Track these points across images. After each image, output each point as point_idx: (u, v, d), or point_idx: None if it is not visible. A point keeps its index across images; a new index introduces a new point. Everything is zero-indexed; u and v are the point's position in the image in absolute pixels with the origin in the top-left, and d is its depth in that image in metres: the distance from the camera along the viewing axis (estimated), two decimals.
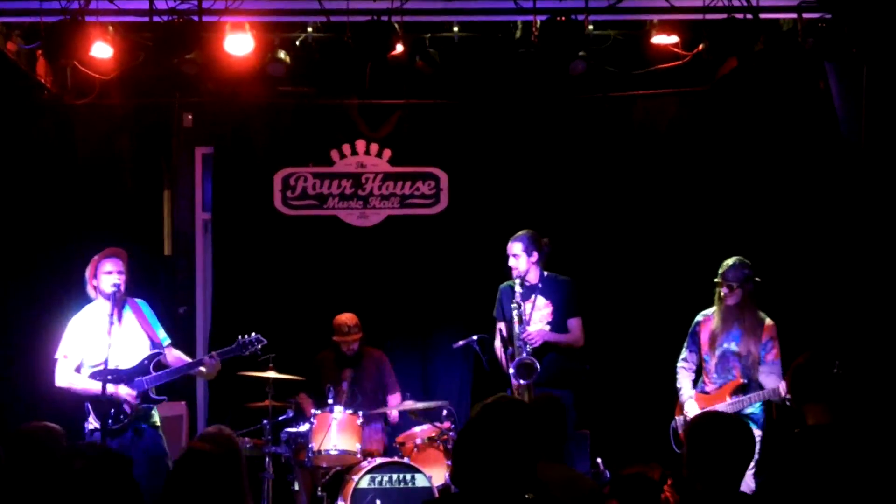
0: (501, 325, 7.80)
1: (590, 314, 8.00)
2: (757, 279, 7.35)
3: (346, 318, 8.65)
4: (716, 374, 7.38)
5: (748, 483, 5.74)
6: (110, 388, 6.92)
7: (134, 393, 7.04)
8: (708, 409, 7.16)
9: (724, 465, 4.01)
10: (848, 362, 6.19)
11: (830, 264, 8.28)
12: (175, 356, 7.40)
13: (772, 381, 7.14)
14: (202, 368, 7.32)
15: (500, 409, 4.19)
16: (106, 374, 6.92)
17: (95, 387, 6.97)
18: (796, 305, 8.33)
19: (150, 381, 7.12)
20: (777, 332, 7.33)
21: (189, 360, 7.41)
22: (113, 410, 6.99)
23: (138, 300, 7.43)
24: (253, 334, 7.43)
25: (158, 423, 7.27)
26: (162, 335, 7.42)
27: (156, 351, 7.23)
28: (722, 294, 7.33)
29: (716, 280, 7.36)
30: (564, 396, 7.59)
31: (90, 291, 7.27)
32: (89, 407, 7.07)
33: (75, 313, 7.32)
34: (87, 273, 7.25)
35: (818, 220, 8.49)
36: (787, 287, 8.50)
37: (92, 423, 7.04)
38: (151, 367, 7.17)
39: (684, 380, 7.53)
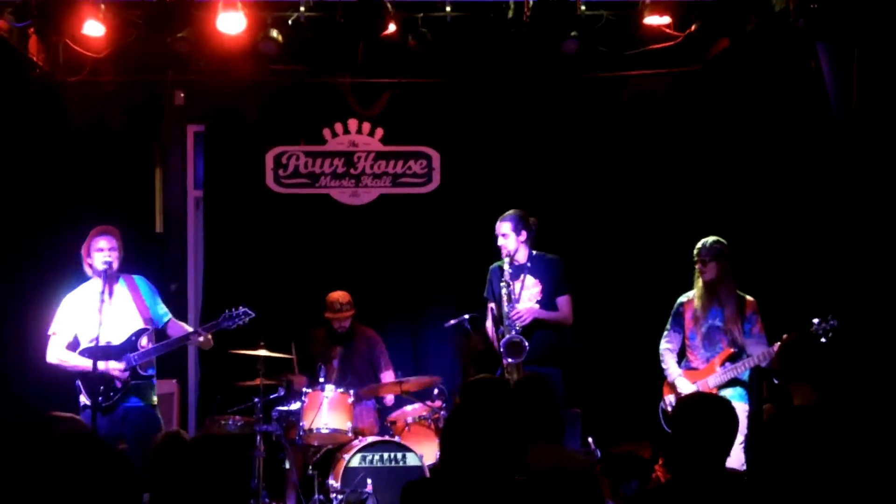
0: (492, 305, 7.82)
1: (580, 293, 8.02)
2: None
3: (339, 295, 8.66)
4: (703, 349, 7.48)
5: (738, 456, 5.82)
6: (100, 364, 6.94)
7: (122, 367, 7.05)
8: (699, 382, 7.37)
9: (709, 446, 4.04)
10: (835, 340, 6.28)
11: (821, 243, 8.30)
12: (179, 328, 7.42)
13: (760, 349, 7.27)
14: (200, 339, 7.31)
15: (483, 388, 4.21)
16: (95, 351, 6.94)
17: (84, 363, 7.02)
18: (788, 284, 8.38)
19: (137, 357, 7.11)
20: (758, 308, 7.46)
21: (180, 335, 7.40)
22: (103, 387, 7.02)
23: (136, 276, 7.43)
24: (241, 308, 7.41)
25: (155, 402, 7.28)
26: (161, 311, 7.42)
27: (143, 328, 7.22)
28: (698, 271, 7.48)
29: (694, 259, 7.49)
30: (554, 374, 7.64)
31: (87, 270, 7.27)
32: (79, 384, 7.10)
33: (65, 290, 7.34)
34: (83, 251, 7.26)
35: (809, 200, 8.51)
36: (778, 266, 8.55)
37: (84, 399, 7.07)
38: (139, 343, 7.17)
39: (670, 360, 7.62)
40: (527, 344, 7.41)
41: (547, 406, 5.08)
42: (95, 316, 6.97)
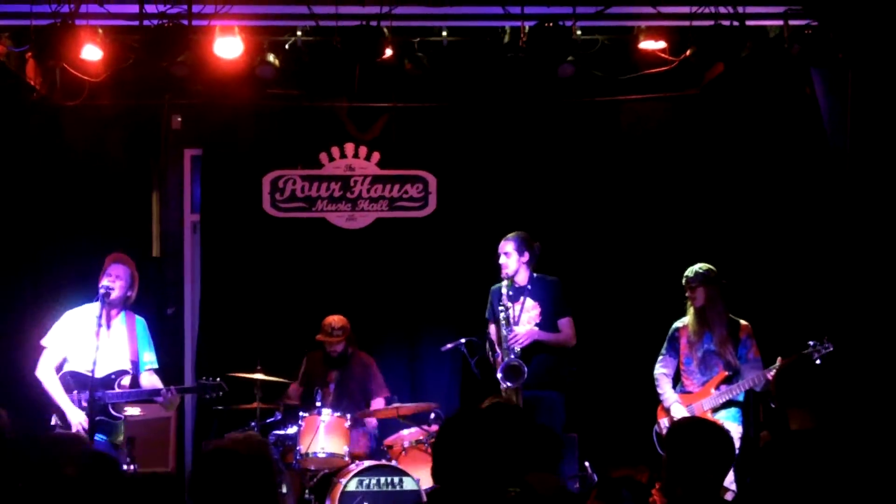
0: (492, 327, 7.83)
1: (578, 316, 8.04)
2: (723, 281, 7.60)
3: (334, 319, 8.63)
4: (699, 374, 7.58)
5: (729, 475, 5.84)
6: (67, 404, 7.04)
7: (84, 424, 6.93)
8: (693, 405, 7.48)
9: (702, 471, 4.04)
10: (833, 364, 6.30)
11: (816, 268, 8.33)
12: (151, 382, 7.40)
13: (754, 373, 7.37)
14: (169, 396, 7.28)
15: (496, 411, 4.21)
16: (72, 378, 7.08)
17: (56, 394, 7.07)
18: (783, 308, 8.40)
19: (112, 395, 7.10)
20: (753, 332, 7.56)
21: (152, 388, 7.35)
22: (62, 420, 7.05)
23: (138, 317, 7.44)
24: (218, 379, 7.45)
25: (119, 442, 7.21)
26: (148, 359, 7.41)
27: (124, 369, 7.22)
28: (688, 297, 7.62)
29: (683, 287, 7.62)
30: (555, 398, 7.65)
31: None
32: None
33: (63, 312, 7.35)
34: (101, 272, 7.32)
35: (804, 225, 8.54)
36: (773, 290, 8.57)
37: (55, 420, 7.09)
38: (117, 383, 7.17)
39: (665, 385, 7.70)
40: (525, 368, 7.41)
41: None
42: (92, 340, 6.98)
